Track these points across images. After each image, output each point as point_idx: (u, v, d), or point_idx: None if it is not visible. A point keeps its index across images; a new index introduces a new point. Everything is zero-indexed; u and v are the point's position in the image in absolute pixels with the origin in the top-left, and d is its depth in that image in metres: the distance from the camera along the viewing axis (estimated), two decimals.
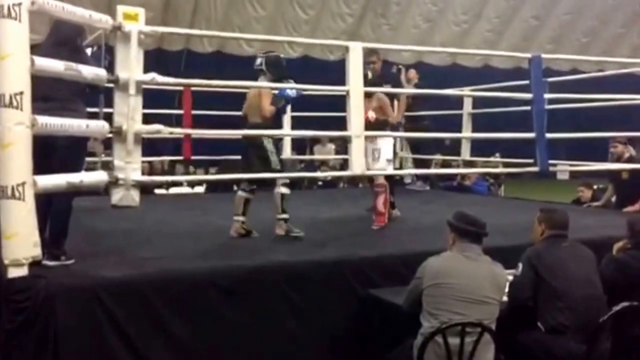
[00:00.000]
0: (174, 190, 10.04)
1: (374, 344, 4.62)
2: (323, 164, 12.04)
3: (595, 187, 9.35)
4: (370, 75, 6.80)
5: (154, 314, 4.24)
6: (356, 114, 5.53)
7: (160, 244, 5.49)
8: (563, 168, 7.48)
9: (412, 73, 10.12)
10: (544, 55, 6.61)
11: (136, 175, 4.76)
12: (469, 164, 9.77)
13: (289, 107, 9.69)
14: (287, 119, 9.66)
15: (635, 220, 4.99)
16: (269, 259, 4.85)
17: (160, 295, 4.27)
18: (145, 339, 4.19)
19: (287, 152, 10.04)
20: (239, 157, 10.18)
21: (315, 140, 12.42)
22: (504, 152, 12.05)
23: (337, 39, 14.74)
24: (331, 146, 13.01)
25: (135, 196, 4.79)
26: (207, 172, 12.39)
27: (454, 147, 10.83)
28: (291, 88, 5.72)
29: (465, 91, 8.72)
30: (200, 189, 10.30)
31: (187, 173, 11.52)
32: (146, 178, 5.43)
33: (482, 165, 10.70)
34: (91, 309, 4.04)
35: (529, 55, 6.55)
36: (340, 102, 8.09)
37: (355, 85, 5.53)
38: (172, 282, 4.36)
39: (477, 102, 9.67)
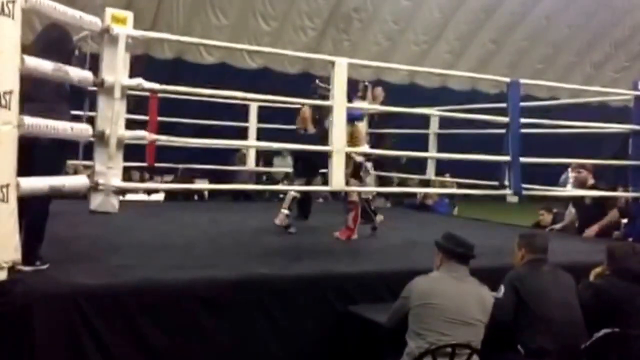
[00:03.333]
0: (130, 197, 9.87)
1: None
2: (286, 177, 11.98)
3: (555, 210, 9.51)
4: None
5: (133, 324, 4.16)
6: (338, 129, 5.51)
7: (131, 252, 5.37)
8: (539, 192, 7.54)
9: (379, 90, 10.13)
10: (523, 81, 6.69)
11: (117, 181, 4.68)
12: (427, 183, 9.88)
13: (254, 119, 9.85)
14: (252, 131, 9.67)
15: (614, 247, 5.06)
16: (249, 271, 4.78)
17: (140, 305, 4.19)
18: (123, 349, 4.10)
19: (251, 164, 10.05)
20: (198, 165, 10.42)
21: (276, 153, 12.35)
22: (455, 173, 12.23)
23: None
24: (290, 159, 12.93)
25: (114, 202, 4.72)
26: (162, 180, 12.20)
27: (410, 165, 10.95)
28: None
29: (433, 110, 8.75)
30: (159, 197, 10.15)
31: (142, 180, 11.35)
32: (126, 184, 5.32)
33: (440, 184, 10.84)
34: (69, 317, 3.95)
35: (507, 79, 6.63)
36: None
37: (338, 100, 5.52)
38: (153, 293, 4.28)
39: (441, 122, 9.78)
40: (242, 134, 9.78)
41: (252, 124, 9.70)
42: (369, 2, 17.21)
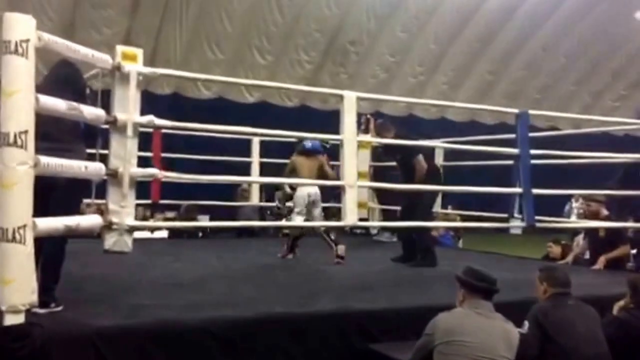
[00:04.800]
0: (135, 235, 9.76)
1: None
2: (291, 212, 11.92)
3: (563, 242, 9.45)
4: None
5: None
6: (349, 163, 5.47)
7: (144, 292, 5.28)
8: (551, 225, 7.48)
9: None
10: (531, 112, 6.66)
11: (130, 220, 4.62)
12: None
13: (257, 153, 9.83)
14: (255, 166, 9.64)
15: (637, 279, 5.02)
16: (266, 310, 4.68)
17: (158, 346, 4.09)
18: None
19: (255, 199, 10.00)
20: (201, 201, 10.38)
21: (277, 188, 12.30)
22: (455, 206, 12.21)
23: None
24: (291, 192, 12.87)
25: (128, 241, 4.67)
26: (164, 217, 12.11)
27: None
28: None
29: (439, 142, 8.72)
30: (162, 234, 10.05)
31: (145, 217, 11.24)
32: (140, 223, 5.25)
33: (443, 218, 10.78)
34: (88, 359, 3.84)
35: (516, 110, 6.61)
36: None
37: (349, 134, 5.48)
38: (170, 333, 4.18)
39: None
40: (244, 169, 9.75)
41: (255, 159, 9.66)
42: (365, 35, 17.29)
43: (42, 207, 3.85)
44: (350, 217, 5.45)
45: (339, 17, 16.67)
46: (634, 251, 8.56)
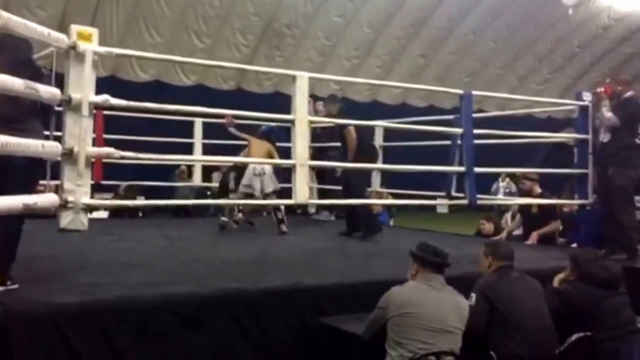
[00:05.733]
0: None
1: None
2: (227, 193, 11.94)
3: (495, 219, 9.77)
4: None
5: (111, 342, 4.06)
6: (301, 142, 5.57)
7: (97, 270, 5.25)
8: (492, 202, 7.76)
9: (320, 105, 10.24)
10: (475, 93, 6.88)
11: (86, 198, 4.62)
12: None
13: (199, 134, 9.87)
14: (198, 147, 9.67)
15: (578, 254, 5.29)
16: (223, 286, 4.75)
17: (117, 323, 4.10)
18: None
19: (197, 179, 10.04)
20: (143, 182, 10.36)
21: (215, 168, 12.33)
22: (393, 185, 12.44)
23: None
24: (232, 174, 12.89)
25: (84, 220, 4.66)
26: (102, 198, 12.00)
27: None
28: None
29: (382, 122, 8.88)
30: (103, 215, 9.98)
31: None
32: (96, 202, 5.24)
33: (377, 196, 10.98)
34: (48, 337, 3.85)
35: (461, 91, 6.81)
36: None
37: (300, 114, 5.58)
38: (129, 310, 4.20)
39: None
40: (183, 150, 9.75)
41: (198, 140, 9.68)
42: (301, 18, 17.42)
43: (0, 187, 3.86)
44: (301, 195, 5.55)
45: (276, 1, 16.76)
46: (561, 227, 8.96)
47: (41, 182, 4.61)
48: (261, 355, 4.58)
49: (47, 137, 4.49)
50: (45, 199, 4.35)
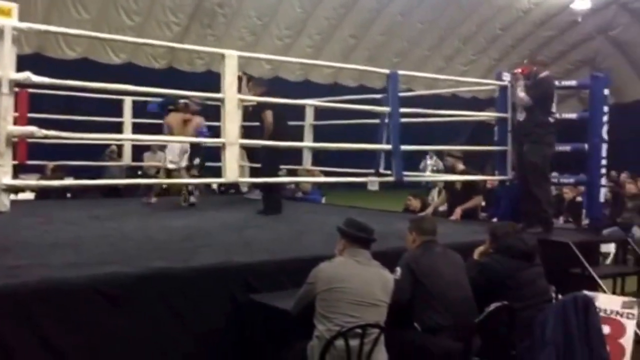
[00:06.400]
0: None
1: (258, 348, 4.69)
2: (158, 172, 11.84)
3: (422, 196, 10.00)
4: None
5: (37, 324, 4.02)
6: (230, 121, 5.57)
7: (22, 252, 5.16)
8: (418, 179, 7.91)
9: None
10: (401, 72, 6.99)
11: (7, 179, 4.54)
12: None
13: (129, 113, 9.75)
14: (128, 126, 9.56)
15: (496, 227, 5.48)
16: (150, 266, 4.74)
17: (42, 305, 4.05)
18: (28, 350, 3.97)
19: (128, 159, 9.92)
20: (70, 162, 10.19)
21: (146, 147, 12.20)
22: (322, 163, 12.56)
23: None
24: (162, 154, 12.79)
25: (5, 201, 4.60)
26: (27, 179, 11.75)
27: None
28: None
29: (312, 101, 8.94)
30: (29, 196, 9.79)
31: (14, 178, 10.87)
32: (19, 182, 5.14)
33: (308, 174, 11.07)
34: None
35: (387, 71, 6.90)
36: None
37: (230, 93, 5.58)
38: (54, 292, 4.14)
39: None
40: (113, 129, 9.62)
41: (127, 119, 9.56)
42: None
43: None
44: (231, 173, 5.56)
45: None
46: (484, 203, 9.22)
47: None
48: (191, 334, 4.61)
49: None
50: None
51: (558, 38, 23.91)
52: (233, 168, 5.57)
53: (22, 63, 4.77)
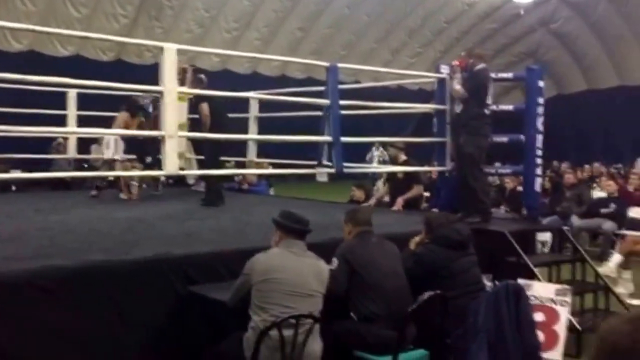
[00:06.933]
0: None
1: (196, 339, 4.75)
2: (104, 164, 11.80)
3: (366, 186, 10.13)
4: None
5: None
6: (170, 114, 5.62)
7: None
8: (357, 170, 8.05)
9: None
10: (340, 65, 7.09)
11: None
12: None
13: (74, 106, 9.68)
14: (72, 118, 9.52)
15: (431, 217, 5.62)
16: (89, 258, 4.75)
17: None
18: None
19: (72, 152, 9.87)
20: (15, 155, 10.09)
21: (94, 140, 12.14)
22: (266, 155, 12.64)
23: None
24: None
25: None
26: None
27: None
28: None
29: (253, 94, 9.02)
30: None
31: None
32: None
33: (256, 166, 11.15)
34: None
35: (326, 64, 7.00)
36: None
37: (169, 85, 5.62)
38: None
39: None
40: (59, 122, 9.56)
41: (72, 112, 9.51)
42: None
43: None
44: (171, 166, 5.61)
45: None
46: (427, 193, 9.40)
47: None
48: (131, 327, 4.63)
49: None
50: None
51: (501, 31, 24.34)
52: (173, 160, 5.62)
53: None
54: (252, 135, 9.26)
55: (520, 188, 11.11)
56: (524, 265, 6.56)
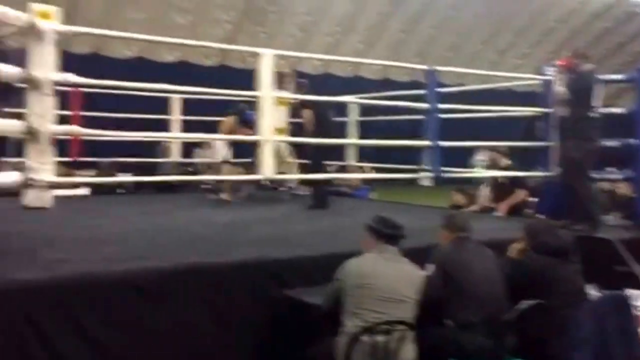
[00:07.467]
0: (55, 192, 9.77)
1: (289, 342, 4.74)
2: (209, 168, 12.06)
3: (468, 192, 9.91)
4: None
5: (75, 317, 4.12)
6: (266, 118, 5.65)
7: (65, 247, 5.30)
8: (456, 175, 7.90)
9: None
10: (438, 68, 6.97)
11: (49, 176, 4.67)
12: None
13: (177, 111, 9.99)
14: (176, 124, 9.78)
15: (532, 224, 5.43)
16: (185, 260, 4.83)
17: (80, 298, 4.16)
18: (66, 343, 4.07)
19: (175, 156, 10.13)
20: (124, 158, 10.46)
21: (198, 144, 12.44)
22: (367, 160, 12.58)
23: None
24: (211, 151, 13.00)
25: (48, 197, 4.70)
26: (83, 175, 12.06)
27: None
28: None
29: (354, 98, 9.00)
30: (84, 192, 10.03)
31: (68, 175, 11.20)
32: (60, 179, 5.31)
33: (358, 171, 11.12)
34: (11, 313, 3.89)
35: (425, 67, 6.89)
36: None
37: (265, 91, 5.66)
38: (92, 286, 4.26)
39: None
40: (164, 127, 9.85)
41: (176, 117, 9.77)
42: None
43: None
44: (267, 170, 5.64)
45: None
46: (533, 199, 9.09)
47: (2, 159, 4.67)
48: (225, 329, 4.68)
49: (8, 115, 4.56)
50: (6, 177, 4.41)
51: (616, 30, 23.34)
52: (269, 164, 5.65)
53: (81, 62, 4.89)
54: (353, 139, 9.23)
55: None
56: (633, 275, 6.25)
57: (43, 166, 4.63)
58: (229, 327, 4.70)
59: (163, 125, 9.97)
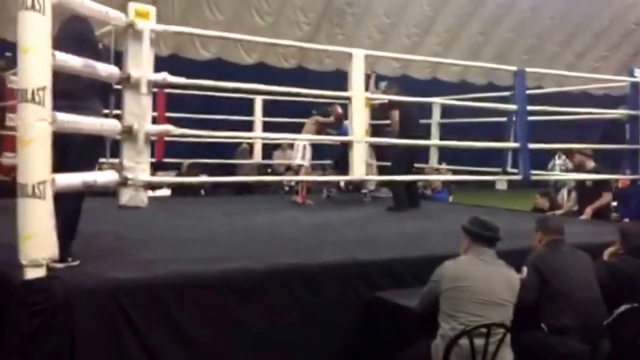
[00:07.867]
0: None
1: (382, 344, 4.69)
2: (288, 169, 12.10)
3: (552, 194, 9.73)
4: None
5: (170, 316, 4.16)
6: (358, 119, 5.61)
7: (157, 247, 5.36)
8: (544, 177, 7.76)
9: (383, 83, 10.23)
10: (529, 70, 6.83)
11: (145, 175, 4.72)
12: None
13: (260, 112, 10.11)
14: (258, 124, 9.85)
15: (627, 228, 5.31)
16: (278, 261, 4.83)
17: (175, 297, 4.20)
18: (161, 341, 4.12)
19: (258, 157, 10.21)
20: (205, 159, 10.60)
21: (276, 146, 12.52)
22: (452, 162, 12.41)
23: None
24: (291, 152, 13.05)
25: (143, 197, 4.74)
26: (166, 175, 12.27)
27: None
28: None
29: (438, 99, 8.89)
30: (166, 193, 10.21)
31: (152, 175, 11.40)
32: (155, 179, 5.37)
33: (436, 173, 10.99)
34: (110, 312, 3.94)
35: (514, 68, 6.76)
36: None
37: (357, 91, 5.62)
38: (187, 285, 4.28)
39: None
40: (246, 128, 9.92)
41: (258, 118, 9.85)
42: None
43: (59, 164, 3.87)
44: (358, 171, 5.60)
45: None
46: (615, 203, 8.86)
47: (101, 160, 4.74)
48: (316, 329, 4.67)
49: (106, 115, 4.61)
50: (104, 177, 4.45)
51: None
52: (360, 165, 5.61)
53: (160, 64, 4.93)
54: (435, 141, 9.12)
55: None
56: None
57: (139, 165, 4.67)
58: (320, 328, 4.68)
59: (242, 128, 9.99)
